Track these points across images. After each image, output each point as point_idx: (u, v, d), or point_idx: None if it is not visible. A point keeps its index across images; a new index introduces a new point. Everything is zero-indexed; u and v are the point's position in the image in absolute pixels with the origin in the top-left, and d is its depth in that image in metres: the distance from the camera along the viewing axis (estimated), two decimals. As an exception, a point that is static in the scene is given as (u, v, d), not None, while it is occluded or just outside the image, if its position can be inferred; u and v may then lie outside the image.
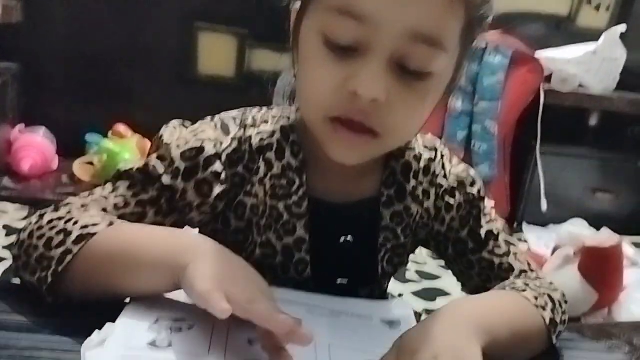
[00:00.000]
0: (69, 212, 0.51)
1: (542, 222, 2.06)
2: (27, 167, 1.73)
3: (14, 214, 1.55)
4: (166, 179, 0.54)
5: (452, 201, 0.63)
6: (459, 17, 0.49)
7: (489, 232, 0.63)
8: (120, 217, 0.53)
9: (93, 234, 0.47)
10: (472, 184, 0.64)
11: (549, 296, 0.57)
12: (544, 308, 0.55)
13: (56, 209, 0.52)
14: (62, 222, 0.49)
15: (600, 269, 1.32)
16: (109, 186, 0.55)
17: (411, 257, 1.43)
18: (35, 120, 1.87)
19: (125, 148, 1.77)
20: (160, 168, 0.54)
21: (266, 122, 0.59)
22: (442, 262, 0.70)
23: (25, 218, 1.53)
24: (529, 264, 0.63)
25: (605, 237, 1.36)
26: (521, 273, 0.62)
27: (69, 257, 0.46)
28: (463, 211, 0.63)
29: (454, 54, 0.52)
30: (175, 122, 0.59)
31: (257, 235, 0.59)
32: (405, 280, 1.48)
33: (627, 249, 1.66)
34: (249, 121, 0.59)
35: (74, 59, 1.95)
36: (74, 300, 0.48)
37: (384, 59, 0.48)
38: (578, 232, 1.45)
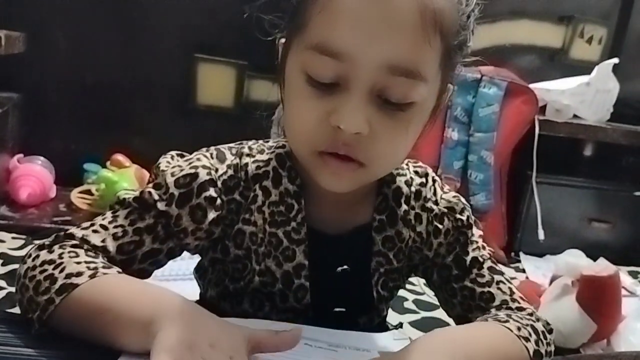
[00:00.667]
0: (60, 256, 0.51)
1: (539, 251, 2.06)
2: (25, 196, 1.73)
3: (10, 243, 1.54)
4: (161, 206, 0.55)
5: (440, 226, 0.63)
6: (436, 47, 0.50)
7: (474, 260, 0.63)
8: (119, 246, 0.54)
9: (75, 286, 0.48)
10: (462, 211, 0.64)
11: (532, 327, 0.57)
12: (527, 339, 0.55)
13: (51, 249, 0.53)
14: (52, 267, 0.50)
15: (598, 299, 1.32)
16: (109, 214, 0.56)
17: (409, 287, 1.42)
18: (34, 149, 1.88)
19: (123, 177, 1.77)
20: (155, 195, 0.56)
21: (262, 152, 0.61)
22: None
23: (22, 247, 1.52)
24: (511, 293, 0.62)
25: (602, 267, 1.36)
26: (502, 303, 0.61)
27: (52, 307, 0.48)
28: (451, 237, 0.64)
29: (435, 82, 0.53)
30: (173, 153, 0.61)
31: (255, 264, 0.59)
32: (403, 311, 1.47)
33: (625, 279, 1.66)
34: (245, 150, 0.60)
35: (75, 90, 1.97)
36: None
37: (364, 93, 0.49)
38: (575, 261, 1.45)
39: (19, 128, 1.85)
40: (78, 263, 0.50)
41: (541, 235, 2.01)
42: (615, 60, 2.08)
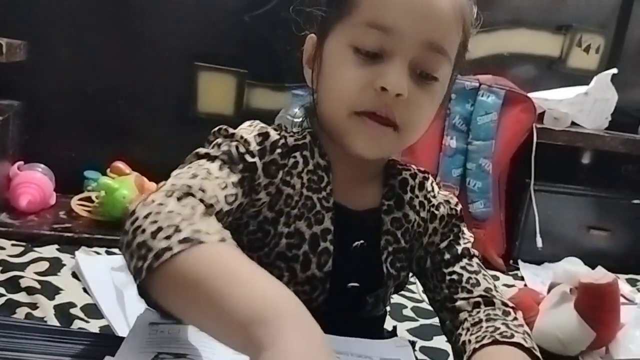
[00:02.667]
0: (193, 210, 0.48)
1: (538, 259, 2.06)
2: (25, 203, 1.74)
3: (10, 250, 1.54)
4: (249, 158, 0.59)
5: (437, 212, 0.70)
6: (459, 34, 0.62)
7: (466, 250, 0.69)
8: (225, 197, 0.55)
9: (201, 242, 0.44)
10: (456, 204, 0.72)
11: (527, 333, 0.60)
12: (534, 349, 0.57)
13: (181, 200, 0.49)
14: (180, 218, 0.46)
15: (596, 306, 1.32)
16: (198, 167, 0.56)
17: (408, 294, 1.43)
18: (35, 157, 1.88)
19: (124, 184, 1.78)
20: (242, 148, 0.59)
21: (293, 132, 0.66)
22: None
23: (21, 254, 1.53)
24: (494, 285, 0.67)
25: (601, 275, 1.36)
26: (487, 290, 0.65)
27: (167, 255, 0.43)
28: (445, 226, 0.70)
29: (451, 67, 0.63)
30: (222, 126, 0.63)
31: (284, 226, 0.62)
32: (402, 318, 1.47)
33: (623, 287, 1.66)
34: (283, 128, 0.66)
35: (75, 97, 1.98)
36: (160, 310, 0.45)
37: (405, 63, 0.59)
38: (574, 269, 1.45)
39: (19, 135, 1.86)
40: (209, 224, 0.48)
41: (539, 243, 2.02)
42: (614, 70, 2.08)
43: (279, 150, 0.62)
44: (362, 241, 0.66)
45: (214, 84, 2.03)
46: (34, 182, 1.79)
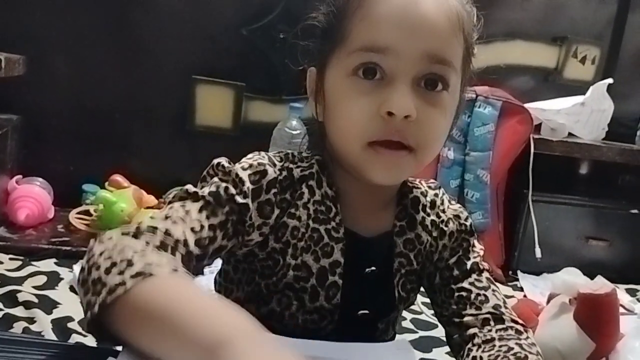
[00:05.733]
0: (145, 246, 0.50)
1: (537, 270, 2.06)
2: (23, 217, 1.73)
3: (8, 264, 1.54)
4: (239, 199, 0.57)
5: (445, 229, 0.69)
6: (460, 42, 0.60)
7: (475, 264, 0.68)
8: (197, 241, 0.54)
9: (152, 275, 0.45)
10: (466, 218, 0.71)
11: (539, 353, 0.60)
12: None
13: (136, 237, 0.51)
14: (132, 251, 0.48)
15: (595, 317, 1.32)
16: (178, 207, 0.56)
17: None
18: (33, 170, 1.88)
19: (122, 198, 1.78)
20: (232, 190, 0.58)
21: (302, 160, 0.65)
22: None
23: (19, 268, 1.52)
24: (504, 301, 0.67)
25: (600, 285, 1.36)
26: (496, 307, 0.65)
27: (121, 290, 0.44)
28: (455, 241, 0.69)
29: (459, 76, 0.62)
30: (222, 159, 0.62)
31: (291, 258, 0.62)
32: (401, 330, 1.47)
33: (622, 297, 1.66)
34: (290, 157, 0.65)
35: (74, 112, 1.98)
36: (115, 342, 0.46)
37: (408, 82, 0.57)
38: (573, 280, 1.45)
39: (17, 149, 1.86)
40: (161, 256, 0.49)
41: (538, 253, 2.02)
42: (610, 80, 2.10)
43: (275, 190, 0.60)
44: (373, 268, 0.65)
45: (211, 97, 2.04)
46: (32, 196, 1.79)
